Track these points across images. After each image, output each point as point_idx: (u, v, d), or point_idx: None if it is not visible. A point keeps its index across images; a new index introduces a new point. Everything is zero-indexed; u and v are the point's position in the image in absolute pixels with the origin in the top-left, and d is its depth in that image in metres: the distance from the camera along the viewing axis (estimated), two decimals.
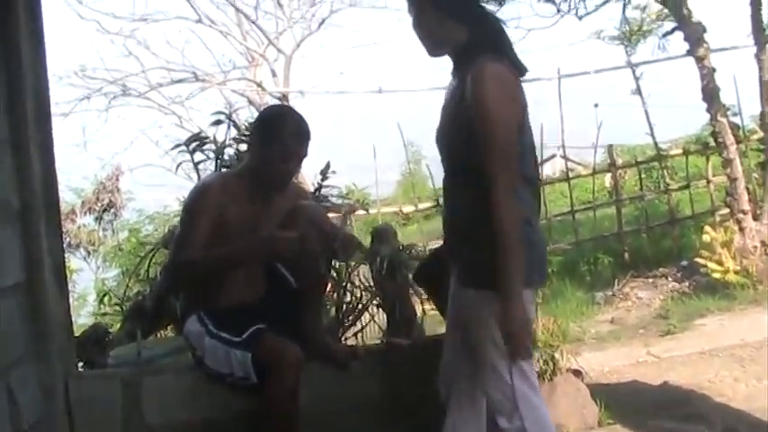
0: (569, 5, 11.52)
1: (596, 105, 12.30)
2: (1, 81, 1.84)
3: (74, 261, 15.40)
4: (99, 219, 16.33)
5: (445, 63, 2.92)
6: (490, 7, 11.51)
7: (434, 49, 2.92)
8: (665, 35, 12.00)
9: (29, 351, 1.95)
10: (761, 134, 12.11)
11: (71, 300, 3.67)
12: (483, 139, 2.66)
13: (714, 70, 10.07)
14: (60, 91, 13.73)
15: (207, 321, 3.33)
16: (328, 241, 3.44)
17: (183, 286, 3.61)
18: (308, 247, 3.29)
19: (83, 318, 12.48)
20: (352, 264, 4.54)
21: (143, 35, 14.47)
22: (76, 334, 3.82)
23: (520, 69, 2.84)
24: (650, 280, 11.15)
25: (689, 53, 10.28)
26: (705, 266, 9.90)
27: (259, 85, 14.24)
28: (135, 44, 14.47)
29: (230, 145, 4.70)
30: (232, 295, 3.34)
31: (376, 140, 13.39)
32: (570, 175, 13.63)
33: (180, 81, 14.56)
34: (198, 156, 4.65)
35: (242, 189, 3.40)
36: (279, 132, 3.36)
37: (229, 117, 4.83)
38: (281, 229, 3.35)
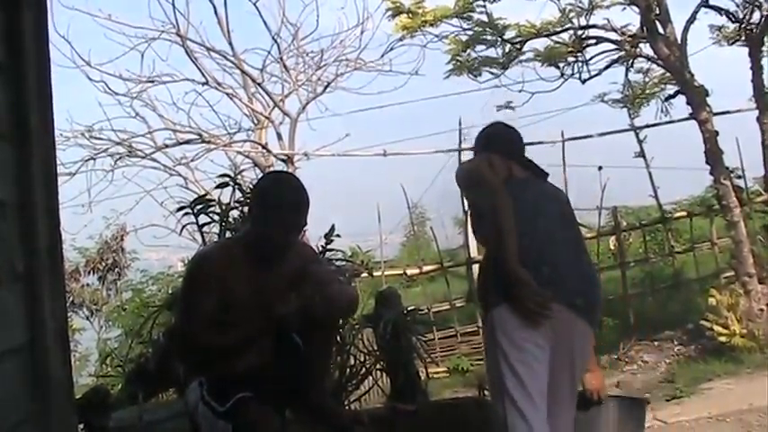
0: (572, 69, 11.67)
1: (600, 168, 12.29)
2: (10, 144, 1.85)
3: (76, 320, 15.36)
4: (102, 278, 16.32)
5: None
6: (494, 71, 11.71)
7: None
8: (667, 99, 12.07)
9: (29, 414, 1.92)
10: (765, 196, 12.15)
11: (73, 359, 3.65)
12: None
13: (717, 133, 10.11)
14: (67, 151, 13.82)
15: (204, 387, 3.30)
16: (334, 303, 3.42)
17: (198, 367, 3.52)
18: (315, 310, 3.27)
19: (84, 378, 12.39)
20: (357, 327, 4.52)
21: (150, 96, 14.59)
22: (78, 395, 3.79)
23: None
24: (656, 343, 11.06)
25: (691, 116, 10.34)
26: (711, 330, 9.81)
27: (264, 147, 14.31)
28: (141, 105, 14.60)
29: (235, 207, 4.72)
30: (235, 360, 3.31)
31: (380, 202, 13.42)
32: None
33: (186, 142, 14.64)
34: (202, 218, 4.67)
35: (242, 257, 3.36)
36: (277, 204, 3.31)
37: (234, 180, 4.85)
38: (288, 290, 3.33)
